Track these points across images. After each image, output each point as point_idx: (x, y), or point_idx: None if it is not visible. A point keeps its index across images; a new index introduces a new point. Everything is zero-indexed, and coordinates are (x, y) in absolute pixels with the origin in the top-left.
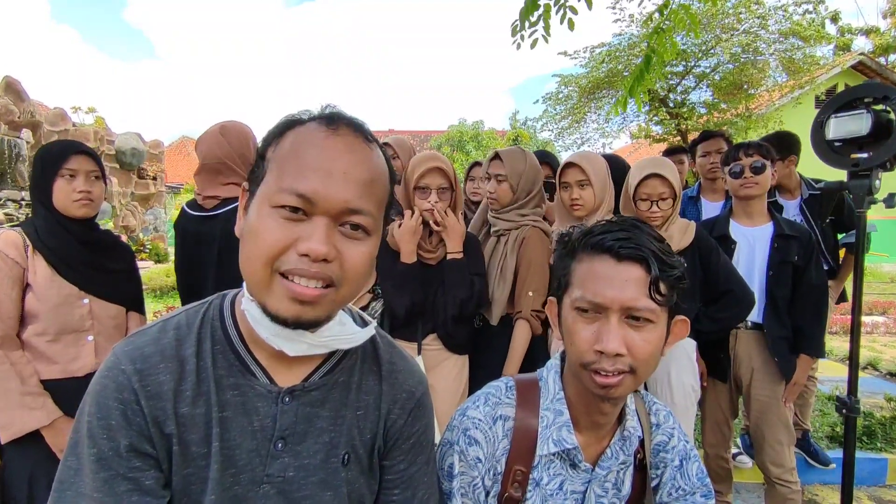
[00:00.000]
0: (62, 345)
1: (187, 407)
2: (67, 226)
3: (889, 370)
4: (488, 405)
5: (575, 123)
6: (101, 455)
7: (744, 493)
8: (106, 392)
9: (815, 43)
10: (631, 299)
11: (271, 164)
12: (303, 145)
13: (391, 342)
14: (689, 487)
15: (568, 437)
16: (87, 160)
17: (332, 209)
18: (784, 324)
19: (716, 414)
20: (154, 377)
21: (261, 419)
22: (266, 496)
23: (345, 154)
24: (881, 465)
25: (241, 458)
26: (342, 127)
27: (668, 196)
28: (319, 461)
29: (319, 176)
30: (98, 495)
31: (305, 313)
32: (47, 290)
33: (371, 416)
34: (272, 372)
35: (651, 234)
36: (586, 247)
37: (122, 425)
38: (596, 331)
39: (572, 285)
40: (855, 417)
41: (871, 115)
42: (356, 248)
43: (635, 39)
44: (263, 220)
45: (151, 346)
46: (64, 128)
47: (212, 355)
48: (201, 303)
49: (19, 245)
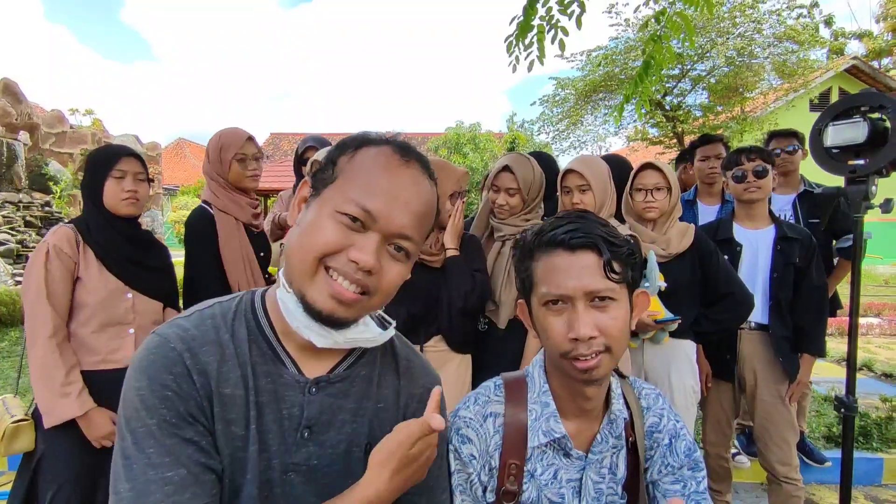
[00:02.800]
0: (106, 336)
1: (229, 388)
2: (114, 223)
3: (884, 371)
4: (478, 404)
5: (572, 126)
6: (161, 423)
7: (742, 493)
8: (156, 366)
9: (809, 47)
10: (591, 283)
11: (343, 173)
12: (376, 166)
13: (405, 341)
14: (677, 463)
15: (556, 426)
16: (136, 163)
17: (388, 230)
18: (787, 324)
19: (717, 413)
20: (201, 356)
21: (289, 408)
22: (292, 483)
23: (411, 185)
24: (877, 464)
25: (273, 444)
26: (413, 161)
27: (662, 187)
28: (342, 451)
29: (386, 199)
30: (168, 459)
31: (339, 311)
32: (96, 283)
33: (390, 410)
34: (300, 363)
35: (596, 220)
36: (541, 245)
37: (178, 395)
38: (566, 320)
39: (536, 284)
40: (853, 417)
41: (867, 123)
42: (396, 268)
43: (632, 43)
44: (325, 220)
45: (195, 330)
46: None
47: (247, 343)
48: (231, 297)
49: (72, 240)
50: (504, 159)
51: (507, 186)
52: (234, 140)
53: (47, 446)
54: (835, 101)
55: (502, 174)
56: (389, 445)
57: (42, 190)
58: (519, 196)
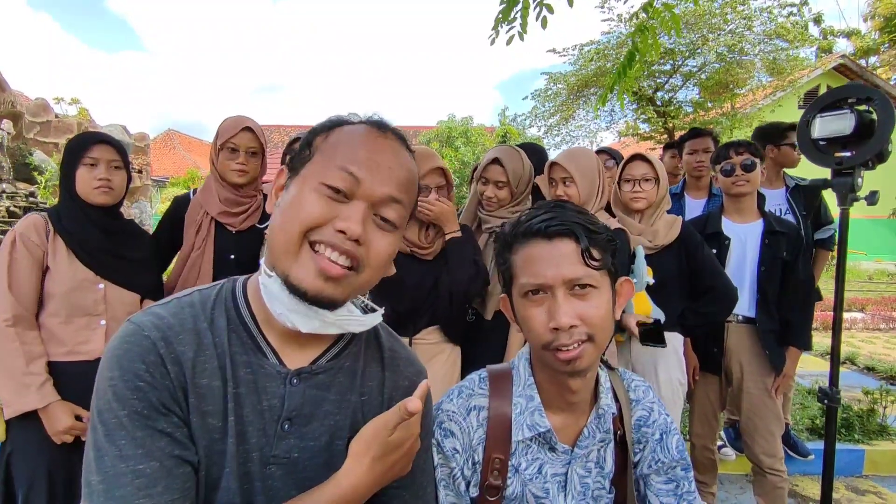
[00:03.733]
0: (74, 327)
1: (206, 379)
2: (88, 213)
3: (867, 365)
4: (461, 397)
5: (563, 121)
6: (133, 414)
7: (727, 485)
8: (130, 356)
9: (798, 45)
10: (569, 271)
11: (319, 151)
12: (355, 139)
13: (391, 331)
14: (669, 460)
15: (541, 420)
16: (109, 150)
17: (373, 196)
18: (773, 318)
19: (704, 406)
20: (177, 346)
21: (269, 399)
22: (272, 476)
23: (390, 154)
24: (858, 455)
25: (252, 436)
26: (390, 133)
27: (651, 178)
28: (324, 443)
29: (368, 165)
30: (140, 451)
31: (326, 290)
32: (64, 273)
33: (374, 402)
34: (282, 353)
35: (573, 209)
36: (518, 236)
37: (151, 385)
38: (546, 310)
39: (515, 276)
40: (836, 408)
41: (854, 115)
42: (384, 239)
43: (624, 38)
44: (306, 195)
45: (171, 318)
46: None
47: (226, 332)
48: (212, 285)
49: (40, 229)
50: (493, 151)
51: (496, 179)
52: (229, 126)
53: (17, 440)
54: (823, 94)
55: (491, 166)
56: (367, 433)
57: (26, 180)
58: (508, 189)
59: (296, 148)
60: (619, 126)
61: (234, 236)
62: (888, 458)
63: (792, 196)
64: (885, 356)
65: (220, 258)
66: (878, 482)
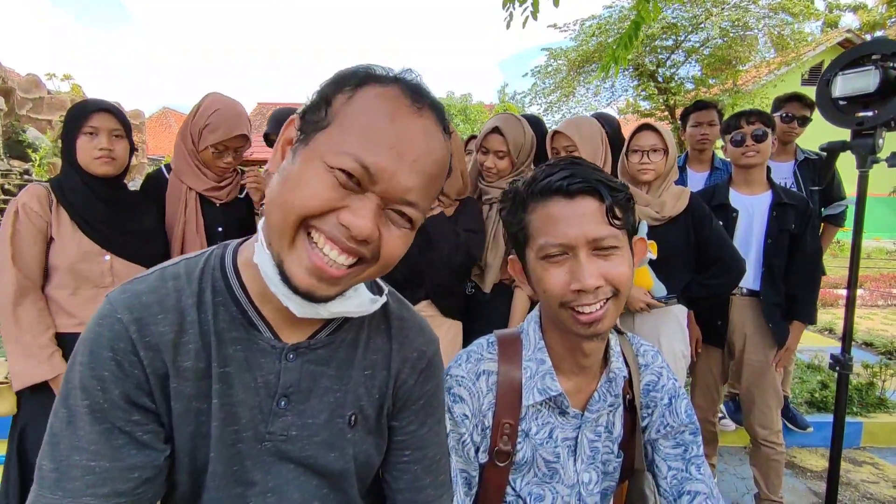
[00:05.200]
0: (82, 299)
1: (188, 361)
2: (90, 183)
3: (864, 340)
4: (470, 362)
5: (564, 98)
6: (94, 406)
7: (726, 457)
8: (99, 341)
9: (803, 19)
10: (593, 230)
11: (338, 117)
12: (380, 112)
13: (401, 298)
14: (677, 424)
15: (552, 384)
16: (110, 118)
17: (389, 193)
18: (779, 291)
19: (707, 378)
20: (153, 327)
21: (264, 375)
22: (268, 453)
23: (422, 140)
24: (856, 428)
25: (243, 415)
26: (426, 108)
27: (659, 149)
28: (324, 421)
29: (391, 155)
30: (94, 447)
31: (320, 290)
32: (68, 244)
33: (379, 376)
34: (277, 327)
35: (591, 166)
36: (534, 194)
37: (116, 376)
38: (568, 271)
39: (532, 237)
40: (847, 374)
41: (879, 71)
42: (399, 237)
43: (626, 12)
44: (312, 173)
45: (151, 295)
46: (38, 95)
47: (213, 307)
48: (200, 252)
49: (43, 199)
50: (494, 120)
51: (496, 149)
52: (224, 125)
53: (30, 412)
54: (845, 51)
55: (491, 136)
56: None
57: (20, 157)
58: (508, 159)
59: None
60: (620, 103)
61: (220, 209)
62: (886, 429)
63: (800, 169)
64: (882, 332)
65: (209, 232)
66: (875, 453)
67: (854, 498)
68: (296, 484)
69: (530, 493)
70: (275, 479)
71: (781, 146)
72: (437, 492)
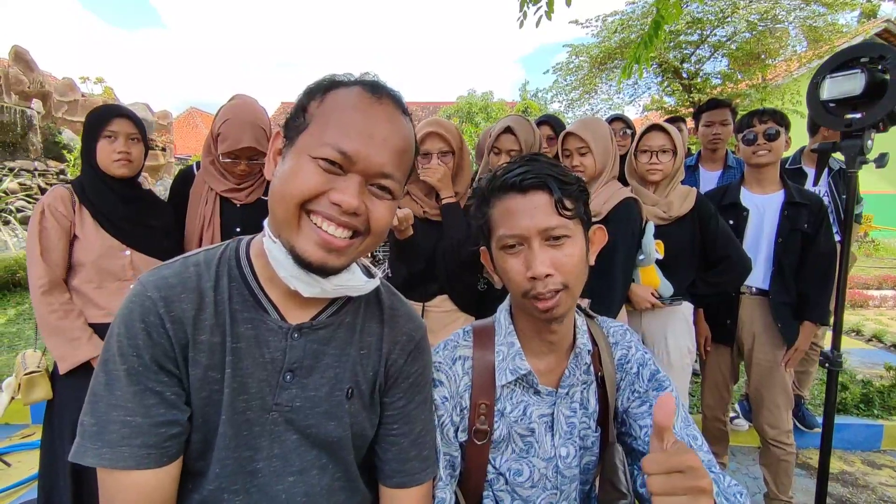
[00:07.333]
0: (107, 291)
1: (205, 335)
2: (110, 184)
3: (893, 342)
4: (447, 349)
5: (585, 95)
6: (130, 370)
7: (739, 456)
8: (133, 315)
9: (838, 9)
10: (543, 221)
11: (315, 118)
12: (348, 106)
13: (392, 289)
14: (643, 388)
15: (521, 363)
16: (128, 123)
17: (368, 170)
18: (789, 290)
19: (716, 377)
20: (177, 304)
21: (272, 352)
22: (275, 422)
23: (385, 122)
24: (877, 430)
25: (252, 387)
26: (385, 97)
27: (668, 149)
28: (325, 394)
29: (362, 138)
30: (130, 405)
31: (331, 260)
32: (92, 241)
33: (373, 356)
34: (283, 310)
35: (546, 161)
36: (494, 190)
37: (147, 344)
38: (524, 260)
39: (493, 229)
40: (837, 372)
41: (865, 74)
42: (382, 207)
43: (649, 7)
44: (302, 166)
45: (175, 278)
46: (73, 98)
47: (228, 291)
48: (218, 245)
49: (67, 200)
50: (505, 120)
51: (508, 148)
52: (231, 137)
53: (67, 396)
54: (833, 54)
55: (504, 136)
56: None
57: (56, 158)
58: None
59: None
60: (644, 100)
61: (240, 210)
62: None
63: (833, 180)
64: None
65: (227, 231)
66: (895, 456)
67: (871, 501)
68: (297, 453)
69: (509, 469)
70: (280, 446)
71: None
72: (422, 465)
